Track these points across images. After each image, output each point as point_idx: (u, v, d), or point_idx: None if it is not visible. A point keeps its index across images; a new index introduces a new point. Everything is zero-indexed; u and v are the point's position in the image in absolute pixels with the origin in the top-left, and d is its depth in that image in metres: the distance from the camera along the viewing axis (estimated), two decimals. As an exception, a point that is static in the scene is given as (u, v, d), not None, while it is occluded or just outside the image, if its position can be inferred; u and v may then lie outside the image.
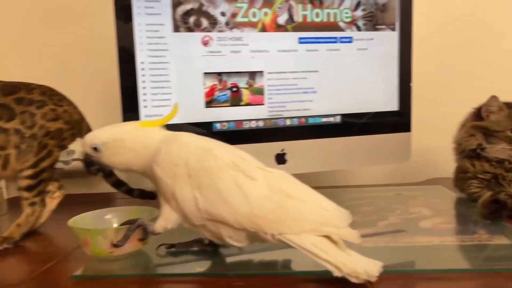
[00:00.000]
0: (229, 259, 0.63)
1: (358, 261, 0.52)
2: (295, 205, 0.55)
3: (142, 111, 0.76)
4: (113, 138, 0.59)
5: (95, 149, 0.59)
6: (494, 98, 0.84)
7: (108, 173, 0.79)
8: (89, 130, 0.81)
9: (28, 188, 0.72)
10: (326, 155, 0.86)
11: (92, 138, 0.60)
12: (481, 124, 0.85)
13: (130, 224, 0.60)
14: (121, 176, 0.81)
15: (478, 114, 0.86)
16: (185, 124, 0.78)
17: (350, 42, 0.84)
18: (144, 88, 0.76)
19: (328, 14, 0.82)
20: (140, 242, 0.62)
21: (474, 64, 1.13)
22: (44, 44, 1.10)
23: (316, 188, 0.58)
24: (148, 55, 0.75)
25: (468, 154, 0.86)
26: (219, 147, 0.58)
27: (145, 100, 0.76)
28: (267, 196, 0.54)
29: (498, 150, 0.83)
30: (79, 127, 0.77)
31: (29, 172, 0.71)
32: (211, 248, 0.64)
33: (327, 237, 0.54)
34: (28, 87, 0.73)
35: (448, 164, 0.91)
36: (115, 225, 0.67)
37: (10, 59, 1.11)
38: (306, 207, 0.55)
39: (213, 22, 0.77)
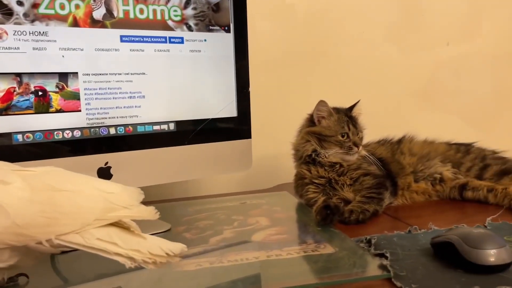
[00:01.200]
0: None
1: (156, 243, 0.46)
2: (69, 198, 0.46)
3: None
4: None
5: None
6: (322, 102, 0.84)
7: None
8: None
9: None
10: (160, 167, 0.77)
11: None
12: (314, 129, 0.85)
13: None
14: None
15: (311, 120, 0.87)
16: (-27, 136, 0.63)
17: (181, 43, 0.77)
18: None
19: (154, 11, 0.74)
20: None
21: (313, 70, 1.16)
22: None
23: (154, 202, 0.52)
24: None
25: (305, 160, 0.85)
26: None
27: None
28: (29, 199, 0.44)
29: (331, 154, 0.83)
30: None
31: None
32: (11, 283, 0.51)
33: (118, 226, 0.47)
34: None
35: (292, 170, 0.91)
36: None
37: None
38: (82, 197, 0.47)
39: (7, 13, 0.63)
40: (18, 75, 0.65)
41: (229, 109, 0.83)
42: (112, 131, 0.73)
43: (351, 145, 0.83)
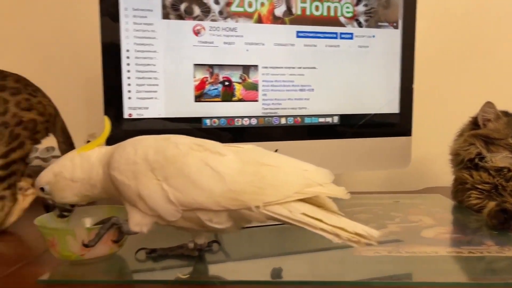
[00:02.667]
0: (215, 266, 0.57)
1: (354, 224, 0.48)
2: (272, 172, 0.50)
3: (126, 103, 0.70)
4: (53, 174, 0.55)
5: (43, 190, 0.55)
6: (488, 104, 0.80)
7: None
8: (63, 126, 0.75)
9: None
10: (321, 157, 0.80)
11: (37, 181, 0.56)
12: (481, 132, 0.81)
13: (104, 224, 0.54)
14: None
15: (475, 123, 0.83)
16: (173, 118, 0.72)
17: (350, 38, 0.79)
18: (128, 78, 0.70)
19: (329, 7, 0.77)
20: (114, 244, 0.56)
21: (478, 68, 1.09)
22: (23, 32, 1.04)
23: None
24: (135, 42, 0.69)
25: (466, 164, 0.81)
26: (176, 136, 0.55)
27: (129, 91, 0.70)
28: (241, 169, 0.50)
29: (499, 158, 0.78)
30: (54, 121, 0.72)
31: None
32: (196, 253, 0.58)
33: (313, 204, 0.50)
34: (2, 73, 0.68)
35: (446, 173, 0.87)
36: (88, 225, 0.60)
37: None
38: (283, 171, 0.51)
39: (206, 10, 0.72)
40: (211, 66, 0.73)
41: (391, 105, 0.83)
42: (283, 120, 0.78)
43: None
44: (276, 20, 0.75)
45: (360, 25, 0.79)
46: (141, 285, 0.52)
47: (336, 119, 0.80)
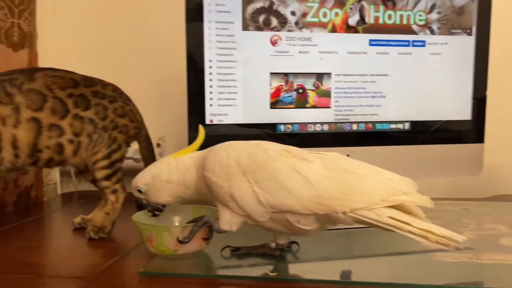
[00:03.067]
0: (296, 265, 0.60)
1: (441, 228, 0.50)
2: (358, 180, 0.53)
3: (208, 110, 0.75)
4: (151, 176, 0.59)
5: (140, 191, 0.60)
6: None
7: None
8: (147, 133, 0.81)
9: (107, 177, 0.73)
10: (392, 164, 0.81)
11: (134, 182, 0.61)
12: None
13: (196, 222, 0.59)
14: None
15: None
16: (249, 124, 0.76)
17: (423, 46, 0.80)
18: (210, 86, 0.74)
19: (401, 16, 0.79)
20: (204, 241, 0.60)
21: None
22: (106, 42, 1.12)
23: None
24: (217, 53, 0.74)
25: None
26: (265, 142, 0.58)
27: (211, 99, 0.75)
28: (328, 176, 0.53)
29: None
30: (140, 128, 0.78)
31: (104, 163, 0.72)
32: (278, 253, 0.61)
33: (400, 210, 0.52)
34: (102, 83, 0.75)
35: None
36: (177, 223, 0.65)
37: (70, 56, 1.13)
38: (369, 180, 0.54)
39: (283, 21, 0.75)
40: (286, 74, 0.76)
41: (464, 112, 0.83)
42: (354, 127, 0.80)
43: None
44: (349, 29, 0.77)
45: (432, 32, 0.80)
46: (229, 280, 0.56)
47: (407, 126, 0.81)
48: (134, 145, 0.81)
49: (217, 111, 0.75)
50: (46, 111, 0.69)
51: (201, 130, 0.61)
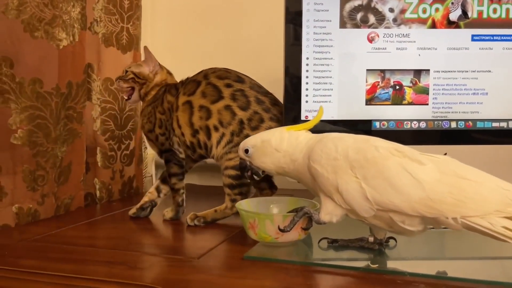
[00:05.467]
0: (394, 262, 0.60)
1: None
2: (473, 186, 0.52)
3: (303, 106, 0.77)
4: (261, 140, 0.62)
5: (246, 151, 0.63)
6: None
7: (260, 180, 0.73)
8: None
9: (231, 187, 0.75)
10: (493, 164, 0.78)
11: (243, 142, 0.64)
12: None
13: (297, 212, 0.61)
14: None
15: None
16: (344, 120, 0.77)
17: (531, 40, 0.76)
18: (306, 83, 0.77)
19: (508, 10, 0.75)
20: (303, 231, 0.62)
21: None
22: (201, 43, 1.18)
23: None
24: (314, 51, 0.76)
25: None
26: (375, 138, 0.58)
27: (306, 96, 0.77)
28: (440, 180, 0.52)
29: None
30: None
31: (232, 172, 0.74)
32: (377, 247, 0.61)
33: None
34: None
35: None
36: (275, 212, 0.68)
37: (166, 58, 1.21)
38: (484, 188, 0.52)
39: (381, 18, 0.75)
40: (382, 71, 0.76)
41: None
42: (453, 124, 0.78)
43: None
44: (450, 24, 0.76)
45: (542, 26, 0.75)
46: (330, 269, 0.57)
47: (511, 124, 0.77)
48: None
49: (312, 108, 0.77)
50: (197, 95, 0.76)
51: (321, 109, 0.62)
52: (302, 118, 0.77)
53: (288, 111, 0.77)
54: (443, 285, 0.51)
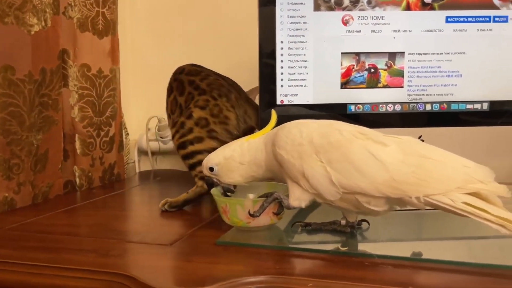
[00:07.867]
0: (366, 244, 0.61)
1: None
2: (435, 165, 0.52)
3: (278, 91, 0.77)
4: (223, 157, 0.62)
5: (211, 170, 0.63)
6: None
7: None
8: None
9: (191, 167, 0.79)
10: (468, 145, 0.78)
11: (206, 161, 0.63)
12: None
13: (267, 197, 0.61)
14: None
15: None
16: (319, 104, 0.77)
17: (505, 21, 0.76)
18: (281, 67, 0.76)
19: (482, -10, 0.75)
20: (275, 216, 0.63)
21: None
22: (179, 27, 1.17)
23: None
24: (288, 34, 0.75)
25: None
26: (338, 122, 0.58)
27: (282, 80, 0.77)
28: (403, 160, 0.53)
29: None
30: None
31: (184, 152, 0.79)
32: (349, 230, 0.62)
33: (476, 197, 0.51)
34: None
35: None
36: (252, 197, 0.68)
37: (147, 42, 1.20)
38: (446, 166, 0.53)
39: (355, 1, 0.75)
40: (357, 54, 0.76)
41: (550, 91, 0.77)
42: (428, 107, 0.78)
43: None
44: (424, 6, 0.75)
45: (517, 6, 0.75)
46: (301, 252, 0.58)
47: (485, 106, 0.78)
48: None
49: (287, 92, 0.77)
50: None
51: (273, 114, 0.63)
52: (278, 102, 0.77)
53: (263, 96, 0.76)
54: (410, 266, 0.52)
